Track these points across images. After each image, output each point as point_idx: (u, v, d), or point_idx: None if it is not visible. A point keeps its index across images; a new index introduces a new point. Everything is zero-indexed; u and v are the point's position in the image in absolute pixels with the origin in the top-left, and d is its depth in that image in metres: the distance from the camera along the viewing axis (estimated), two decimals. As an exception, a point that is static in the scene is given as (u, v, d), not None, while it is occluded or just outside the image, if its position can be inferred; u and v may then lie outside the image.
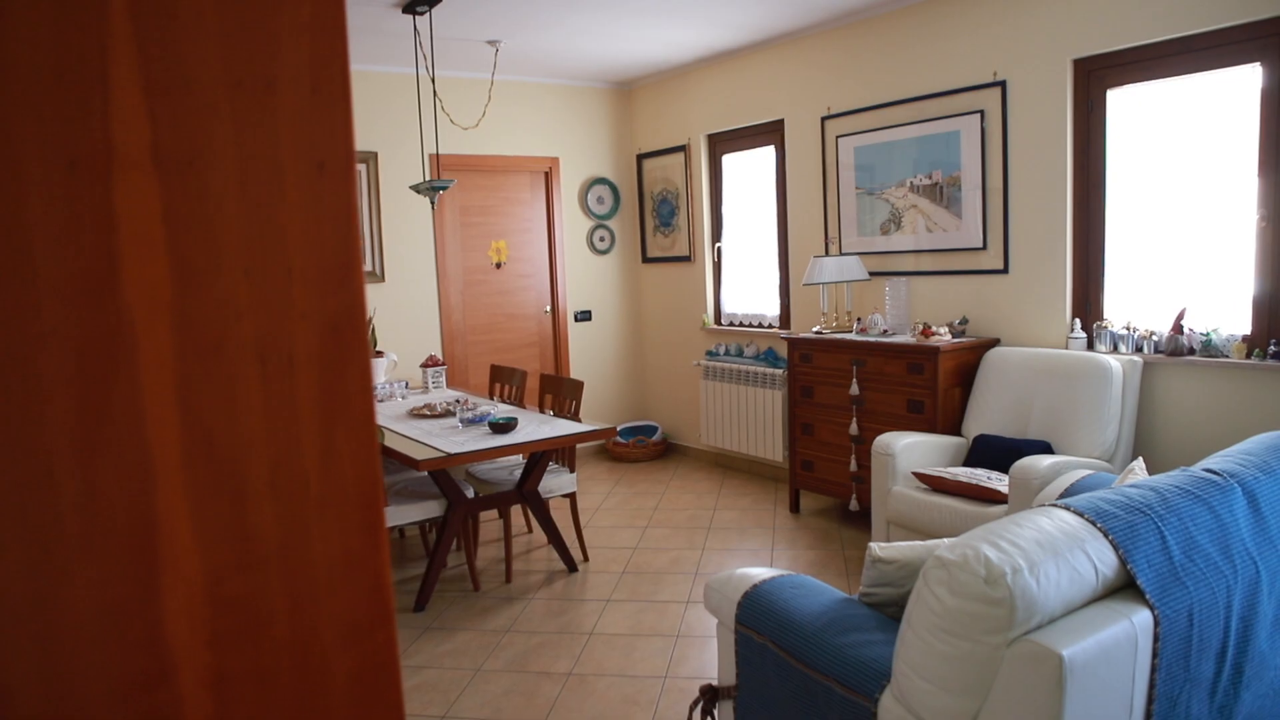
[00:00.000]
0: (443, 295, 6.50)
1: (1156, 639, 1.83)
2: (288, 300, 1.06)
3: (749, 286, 6.61)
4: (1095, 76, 4.34)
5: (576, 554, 4.80)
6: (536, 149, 6.86)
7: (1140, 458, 3.17)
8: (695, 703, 2.45)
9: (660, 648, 3.67)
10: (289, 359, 1.07)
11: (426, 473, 4.23)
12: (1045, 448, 4.15)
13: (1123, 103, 4.30)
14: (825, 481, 5.23)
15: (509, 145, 6.72)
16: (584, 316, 7.18)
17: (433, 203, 4.92)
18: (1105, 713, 1.73)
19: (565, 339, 7.10)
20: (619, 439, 7.08)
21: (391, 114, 6.13)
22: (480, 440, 4.11)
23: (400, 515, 4.17)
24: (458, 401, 4.96)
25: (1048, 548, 1.79)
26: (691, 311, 6.95)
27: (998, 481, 3.92)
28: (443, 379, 5.66)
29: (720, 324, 6.81)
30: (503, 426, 4.21)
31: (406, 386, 5.54)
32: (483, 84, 6.35)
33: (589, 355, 7.25)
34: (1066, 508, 1.97)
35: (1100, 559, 1.84)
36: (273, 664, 1.09)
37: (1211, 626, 1.96)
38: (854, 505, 5.01)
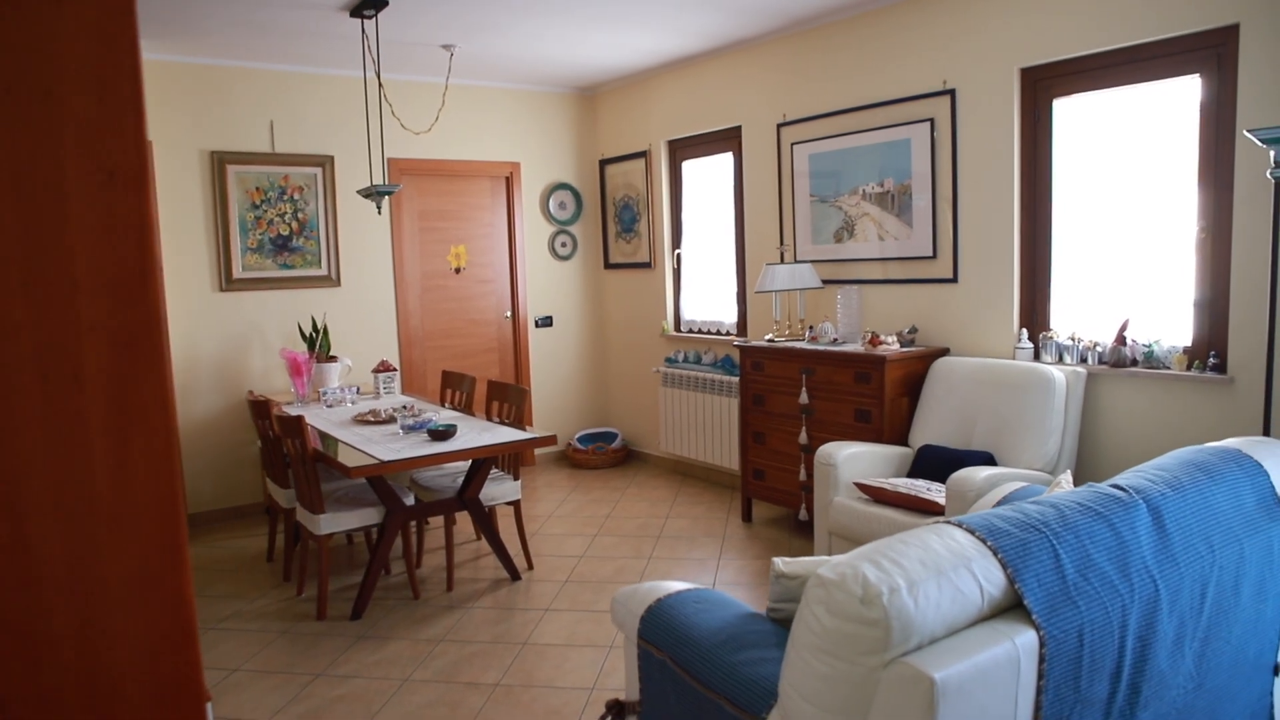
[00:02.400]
0: (400, 300, 6.46)
1: (1042, 660, 1.81)
2: (72, 313, 1.02)
3: (708, 293, 6.59)
4: (1042, 85, 4.35)
5: (521, 562, 4.76)
6: (497, 154, 6.82)
7: (1068, 471, 3.15)
8: (601, 718, 2.42)
9: (592, 659, 3.64)
10: (75, 374, 1.03)
11: (364, 480, 4.19)
12: (988, 459, 4.15)
13: (1069, 112, 4.31)
14: (776, 490, 5.21)
15: (469, 150, 6.68)
16: (545, 322, 7.14)
17: (379, 208, 4.87)
18: (985, 734, 1.70)
19: (525, 345, 7.06)
20: (578, 445, 7.05)
21: (347, 119, 6.08)
22: (417, 447, 4.07)
23: (337, 522, 4.12)
24: (404, 408, 4.91)
25: (931, 567, 1.77)
26: (652, 318, 6.92)
27: (936, 493, 3.90)
28: (395, 384, 5.61)
29: (680, 331, 6.79)
30: (442, 433, 4.17)
31: (358, 392, 5.49)
32: (437, 88, 6.31)
33: (549, 361, 7.21)
34: (959, 525, 1.95)
35: (987, 578, 1.82)
36: (56, 687, 1.05)
37: (1104, 646, 1.94)
38: (803, 515, 4.99)
